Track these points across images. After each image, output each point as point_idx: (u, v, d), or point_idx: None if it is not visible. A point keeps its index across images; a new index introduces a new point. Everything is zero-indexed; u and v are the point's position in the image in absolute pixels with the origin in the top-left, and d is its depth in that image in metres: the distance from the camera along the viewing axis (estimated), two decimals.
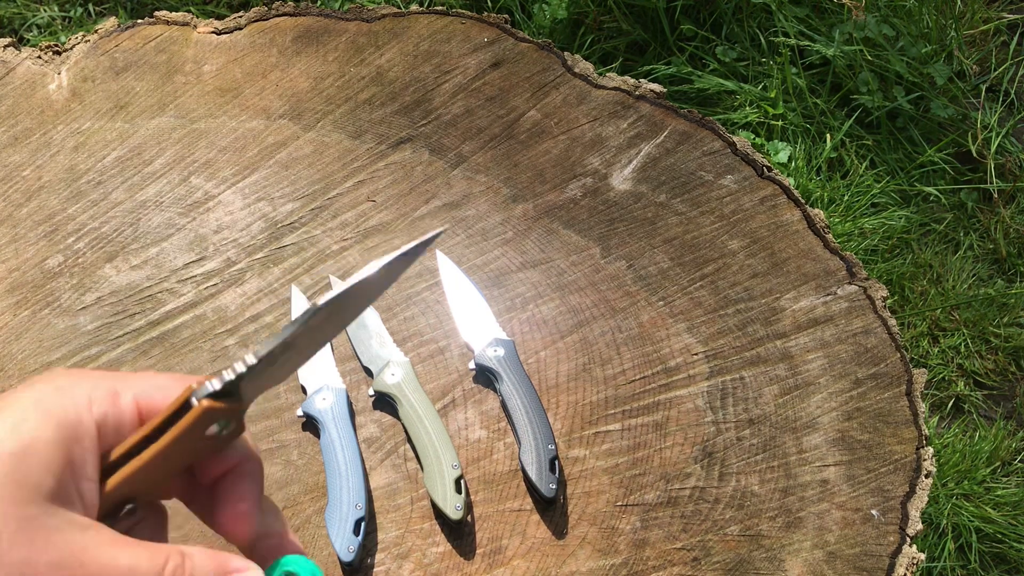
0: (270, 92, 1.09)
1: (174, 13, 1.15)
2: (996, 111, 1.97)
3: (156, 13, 1.15)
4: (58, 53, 1.12)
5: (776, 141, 1.89)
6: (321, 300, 0.47)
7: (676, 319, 0.97)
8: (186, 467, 0.49)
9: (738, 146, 1.06)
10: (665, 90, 1.10)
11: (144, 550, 0.44)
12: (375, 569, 0.84)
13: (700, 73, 1.92)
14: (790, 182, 1.06)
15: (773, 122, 1.91)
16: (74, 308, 0.96)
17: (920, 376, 0.95)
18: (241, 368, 0.46)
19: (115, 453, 0.46)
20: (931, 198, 1.89)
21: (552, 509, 0.86)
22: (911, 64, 1.93)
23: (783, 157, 1.86)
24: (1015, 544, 1.55)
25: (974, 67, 2.01)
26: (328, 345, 0.94)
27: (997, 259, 1.86)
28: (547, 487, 0.84)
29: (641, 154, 1.06)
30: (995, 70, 2.03)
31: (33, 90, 1.09)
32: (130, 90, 1.09)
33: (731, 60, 1.95)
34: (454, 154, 1.06)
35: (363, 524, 0.82)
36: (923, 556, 0.86)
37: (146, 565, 0.44)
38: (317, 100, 1.09)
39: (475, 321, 0.95)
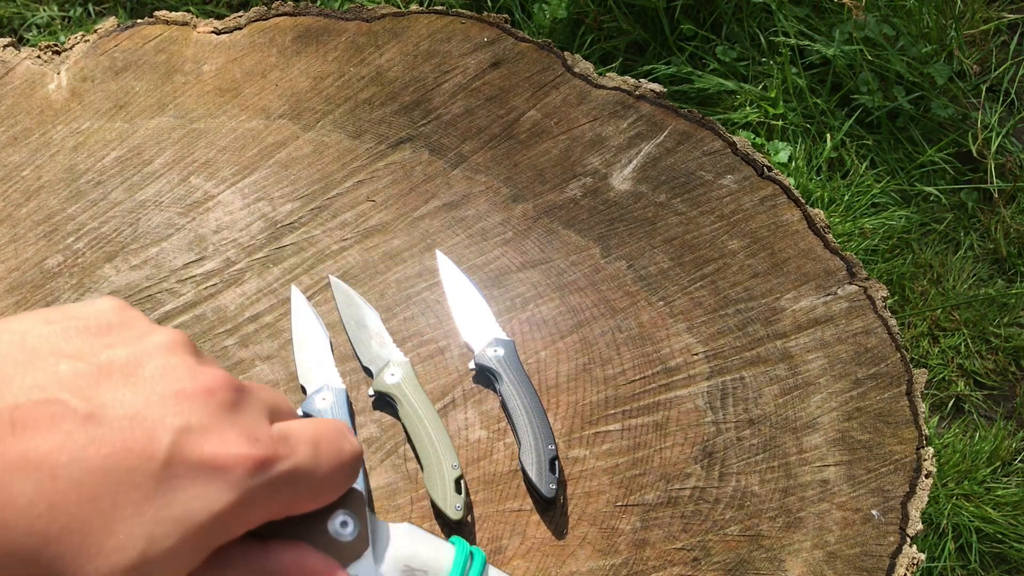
0: (270, 92, 1.09)
1: (174, 13, 1.15)
2: (996, 111, 1.97)
3: (156, 13, 1.15)
4: (57, 53, 1.12)
5: (776, 141, 1.89)
6: None
7: (676, 319, 0.96)
8: None
9: (738, 146, 1.06)
10: (665, 90, 1.10)
11: None
12: None
13: (700, 73, 1.92)
14: (790, 182, 1.06)
15: (773, 122, 1.91)
16: None
17: (920, 376, 0.95)
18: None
19: None
20: (931, 198, 1.89)
21: (552, 509, 0.86)
22: (911, 64, 1.93)
23: (783, 157, 1.86)
24: (1015, 544, 1.55)
25: (974, 67, 2.01)
26: (328, 345, 0.94)
27: (997, 259, 1.86)
28: (547, 487, 0.84)
29: (641, 154, 1.06)
30: (995, 70, 2.03)
31: (32, 90, 1.09)
32: (129, 90, 1.09)
33: (731, 60, 1.95)
34: (454, 154, 1.06)
35: None
36: (923, 556, 0.86)
37: None
38: (317, 100, 1.09)
39: (475, 321, 0.95)
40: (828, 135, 1.89)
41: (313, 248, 1.00)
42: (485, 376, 0.92)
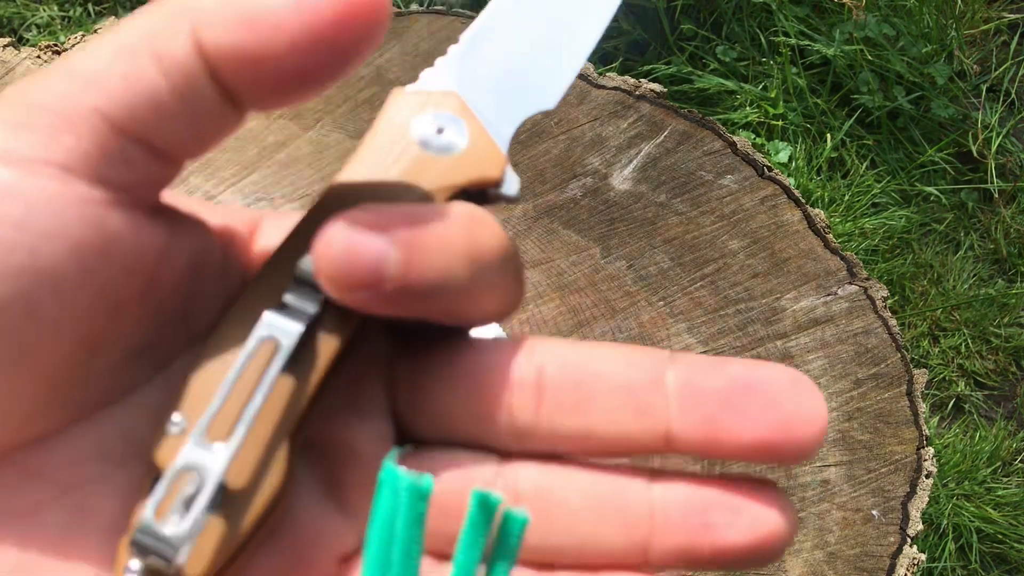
0: None
1: None
2: (997, 111, 1.97)
3: None
4: (58, 53, 1.12)
5: (776, 141, 1.89)
6: None
7: (676, 319, 0.96)
8: None
9: (738, 146, 1.06)
10: (665, 90, 1.10)
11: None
12: None
13: (700, 73, 1.92)
14: (790, 182, 1.06)
15: (773, 122, 1.91)
16: None
17: (921, 376, 0.95)
18: None
19: None
20: (931, 198, 1.89)
21: None
22: (911, 64, 1.93)
23: (783, 157, 1.86)
24: (1016, 544, 1.55)
25: (975, 67, 2.01)
26: None
27: (998, 259, 1.86)
28: None
29: (641, 154, 1.06)
30: (996, 70, 2.03)
31: None
32: None
33: (731, 60, 1.95)
34: None
35: None
36: (924, 556, 0.86)
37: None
38: (317, 100, 1.09)
39: None
40: (828, 135, 1.89)
41: None
42: None
